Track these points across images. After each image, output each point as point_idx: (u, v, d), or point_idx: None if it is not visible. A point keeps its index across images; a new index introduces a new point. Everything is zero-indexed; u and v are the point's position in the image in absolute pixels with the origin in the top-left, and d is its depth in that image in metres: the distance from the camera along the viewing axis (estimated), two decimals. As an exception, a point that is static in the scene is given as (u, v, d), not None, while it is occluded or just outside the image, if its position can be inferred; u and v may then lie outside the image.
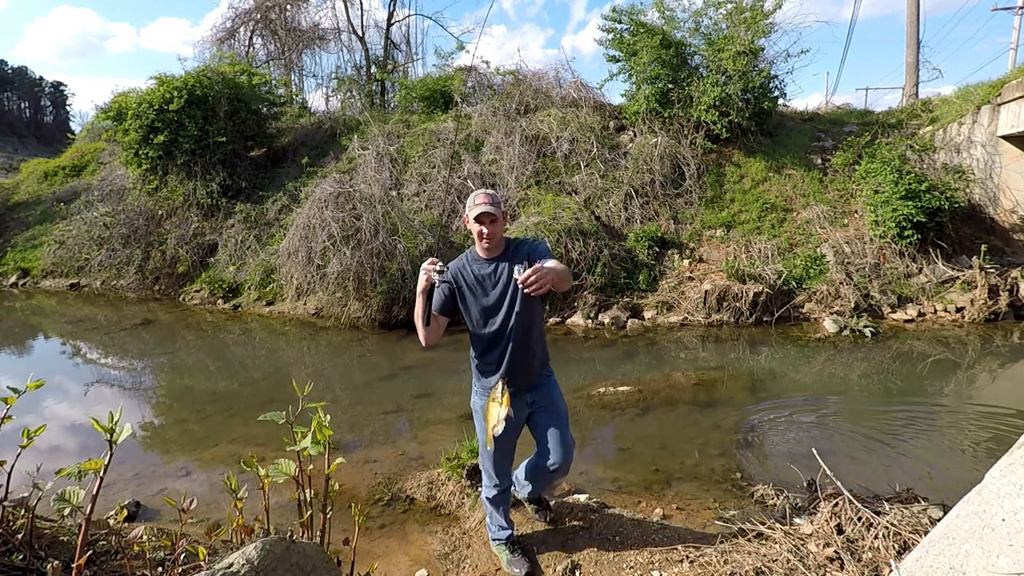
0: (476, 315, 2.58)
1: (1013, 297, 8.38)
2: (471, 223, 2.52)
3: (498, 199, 2.53)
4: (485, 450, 2.70)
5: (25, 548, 1.53)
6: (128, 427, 1.39)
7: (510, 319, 2.53)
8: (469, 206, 2.52)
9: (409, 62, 20.18)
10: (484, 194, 2.50)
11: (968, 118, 10.19)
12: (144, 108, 11.94)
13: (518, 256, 2.51)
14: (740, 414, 5.34)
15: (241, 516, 1.66)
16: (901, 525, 2.77)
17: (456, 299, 2.62)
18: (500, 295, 2.53)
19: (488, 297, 2.54)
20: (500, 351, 2.56)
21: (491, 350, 2.60)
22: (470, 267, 2.60)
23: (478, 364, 2.68)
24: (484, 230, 2.48)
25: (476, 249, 2.63)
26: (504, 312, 2.54)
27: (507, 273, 2.51)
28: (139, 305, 11.06)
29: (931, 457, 4.47)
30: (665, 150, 10.94)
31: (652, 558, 2.90)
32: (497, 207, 2.49)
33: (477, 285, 2.55)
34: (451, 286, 2.59)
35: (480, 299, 2.56)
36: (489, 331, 2.57)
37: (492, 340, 2.58)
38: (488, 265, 2.57)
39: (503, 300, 2.53)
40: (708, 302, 8.65)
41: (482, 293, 2.55)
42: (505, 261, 2.55)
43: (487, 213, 2.45)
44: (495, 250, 2.57)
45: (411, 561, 3.15)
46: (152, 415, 5.93)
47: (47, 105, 74.94)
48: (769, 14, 10.76)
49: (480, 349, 2.64)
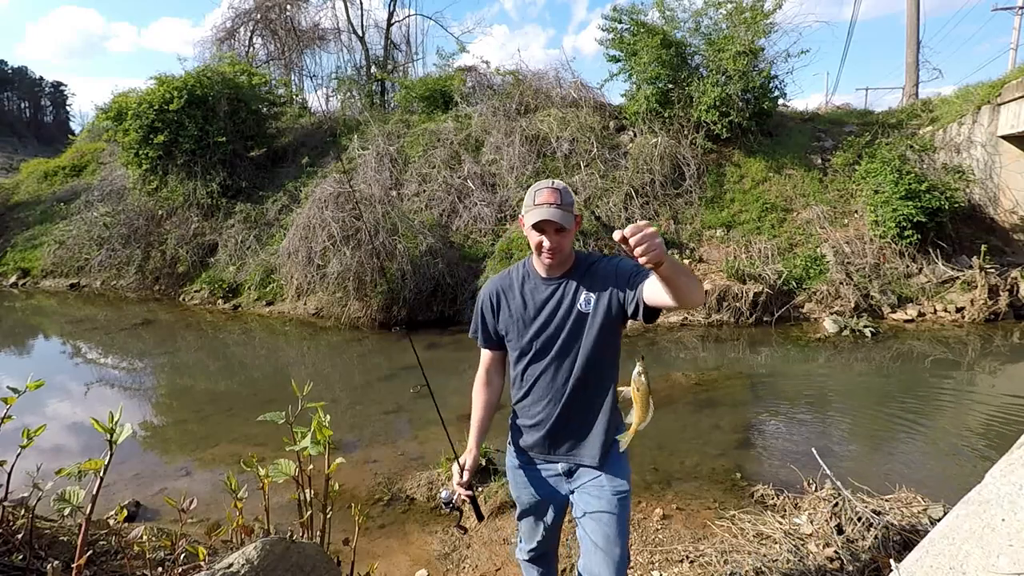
0: (521, 342, 1.88)
1: (1013, 297, 8.38)
2: (527, 230, 1.78)
3: (570, 197, 1.77)
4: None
5: (25, 548, 1.53)
6: (128, 427, 1.39)
7: (568, 355, 1.81)
8: (527, 205, 1.77)
9: (409, 62, 20.20)
10: (550, 190, 1.73)
11: (968, 118, 10.19)
12: (144, 108, 11.94)
13: (593, 276, 1.81)
14: (740, 414, 5.35)
15: (241, 516, 1.66)
16: (901, 525, 2.77)
17: (494, 326, 1.94)
18: (560, 322, 1.82)
19: (538, 319, 1.85)
20: (547, 400, 1.86)
21: (533, 396, 1.89)
22: (520, 288, 1.89)
23: (516, 416, 2.00)
24: (546, 243, 1.75)
25: (533, 262, 1.90)
26: (561, 344, 1.81)
27: (572, 295, 1.81)
28: (139, 305, 11.06)
29: (931, 457, 4.47)
30: (665, 150, 10.93)
31: (652, 558, 2.90)
32: (568, 211, 1.74)
33: (524, 309, 1.87)
34: (491, 305, 1.94)
35: (529, 324, 1.86)
36: (535, 368, 1.87)
37: (537, 382, 1.87)
38: (547, 287, 1.85)
39: (563, 328, 1.81)
40: (708, 302, 8.65)
41: (533, 315, 1.86)
42: (573, 281, 1.83)
43: (550, 222, 1.72)
44: (560, 267, 1.85)
45: (411, 561, 3.15)
46: (152, 415, 5.93)
47: (47, 105, 74.98)
48: (769, 14, 10.76)
49: (521, 392, 1.94)
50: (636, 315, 1.74)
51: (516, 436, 2.00)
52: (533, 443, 1.94)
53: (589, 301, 1.79)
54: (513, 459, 2.03)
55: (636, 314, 1.74)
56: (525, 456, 1.98)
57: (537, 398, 1.88)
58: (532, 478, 1.97)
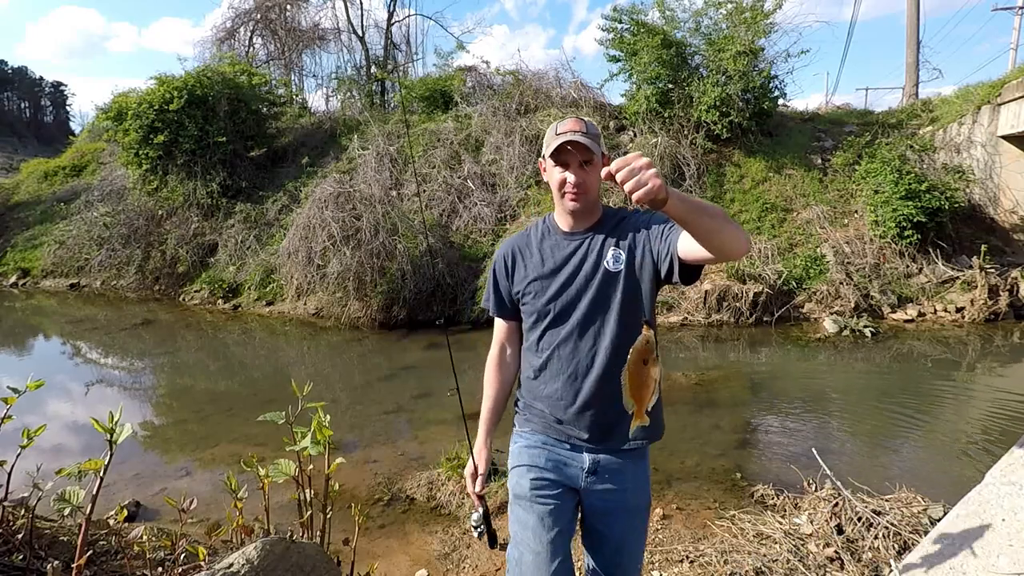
0: (537, 304, 1.60)
1: (1013, 297, 8.38)
2: (548, 169, 1.55)
3: (596, 130, 1.52)
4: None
5: (25, 548, 1.53)
6: (128, 427, 1.39)
7: (593, 322, 1.54)
8: (548, 140, 1.52)
9: (409, 62, 20.19)
10: (574, 119, 1.52)
11: (968, 118, 10.19)
12: (144, 108, 11.94)
13: (623, 230, 1.56)
14: (740, 414, 5.34)
15: (241, 516, 1.66)
16: (901, 525, 2.77)
17: (508, 289, 1.68)
18: (584, 282, 1.55)
19: (558, 278, 1.57)
20: (568, 375, 1.57)
21: (551, 370, 1.61)
22: (538, 244, 1.64)
23: (525, 395, 1.70)
24: (570, 177, 1.49)
25: (555, 216, 1.65)
26: (586, 309, 1.54)
27: (598, 251, 1.55)
28: (139, 305, 11.06)
29: (931, 457, 4.47)
30: (665, 150, 10.93)
31: (652, 558, 2.90)
32: (596, 141, 1.48)
33: (543, 266, 1.61)
34: (505, 266, 1.68)
35: (547, 284, 1.59)
36: (553, 336, 1.59)
37: (555, 354, 1.59)
38: (570, 242, 1.59)
39: (586, 289, 1.54)
40: (708, 302, 8.65)
41: (551, 273, 1.59)
42: (600, 235, 1.57)
43: (578, 144, 1.45)
44: (586, 217, 1.58)
45: (411, 561, 3.15)
46: (152, 415, 5.93)
47: (47, 105, 74.99)
48: (769, 14, 10.76)
49: (535, 365, 1.64)
50: (671, 276, 1.47)
51: (525, 419, 1.70)
52: (545, 428, 1.63)
53: (619, 258, 1.52)
54: (524, 439, 1.69)
55: (671, 275, 1.46)
56: (537, 439, 1.66)
57: (555, 372, 1.58)
58: (548, 457, 1.63)
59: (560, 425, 1.60)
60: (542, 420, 1.64)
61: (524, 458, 1.65)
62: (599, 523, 1.62)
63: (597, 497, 1.60)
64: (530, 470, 1.63)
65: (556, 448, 1.62)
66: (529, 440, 1.67)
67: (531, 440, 1.66)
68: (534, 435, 1.66)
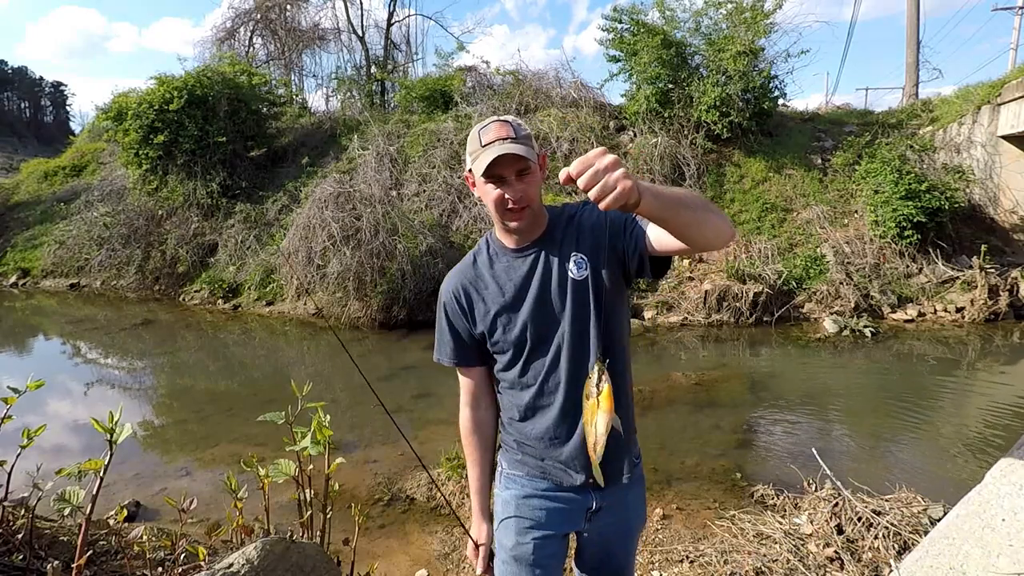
0: (509, 337, 1.40)
1: (1013, 297, 8.38)
2: (480, 186, 1.33)
3: (525, 130, 1.31)
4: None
5: (25, 548, 1.53)
6: (128, 427, 1.39)
7: (578, 341, 1.37)
8: (472, 151, 1.31)
9: (409, 62, 20.19)
10: (498, 123, 1.28)
11: (968, 118, 10.19)
12: (144, 108, 11.93)
13: (579, 230, 1.38)
14: (740, 414, 5.34)
15: (241, 516, 1.66)
16: (901, 525, 2.77)
17: (469, 331, 1.46)
18: (556, 300, 1.37)
19: (525, 302, 1.38)
20: (561, 408, 1.39)
21: (542, 404, 1.42)
22: (489, 272, 1.44)
23: (515, 431, 1.50)
24: (509, 192, 1.28)
25: (497, 235, 1.46)
26: (568, 328, 1.36)
27: (558, 261, 1.37)
28: (139, 305, 11.06)
29: (931, 457, 4.47)
30: (665, 150, 10.93)
31: (652, 558, 2.90)
32: (527, 145, 1.27)
33: (503, 296, 1.40)
34: (459, 308, 1.46)
35: (515, 312, 1.39)
36: (537, 367, 1.40)
37: (545, 387, 1.41)
38: (523, 259, 1.40)
39: (561, 306, 1.37)
40: (708, 302, 8.65)
41: (514, 298, 1.39)
42: (553, 245, 1.38)
43: (509, 159, 1.25)
44: (532, 229, 1.39)
45: (411, 561, 3.15)
46: (152, 415, 5.93)
47: (47, 105, 75.01)
48: (769, 14, 10.77)
49: (522, 404, 1.45)
50: (642, 272, 1.32)
51: (517, 460, 1.50)
52: (543, 472, 1.45)
53: (581, 264, 1.35)
54: (516, 486, 1.50)
55: (642, 271, 1.32)
56: (534, 486, 1.47)
57: (543, 407, 1.42)
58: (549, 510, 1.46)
59: (558, 467, 1.43)
60: (536, 463, 1.46)
61: (524, 512, 1.47)
62: (600, 552, 1.54)
63: (597, 532, 1.50)
64: (530, 530, 1.46)
65: (556, 494, 1.46)
66: (525, 488, 1.48)
67: (527, 488, 1.47)
68: (531, 480, 1.47)
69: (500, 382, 1.50)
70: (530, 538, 1.45)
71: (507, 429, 1.53)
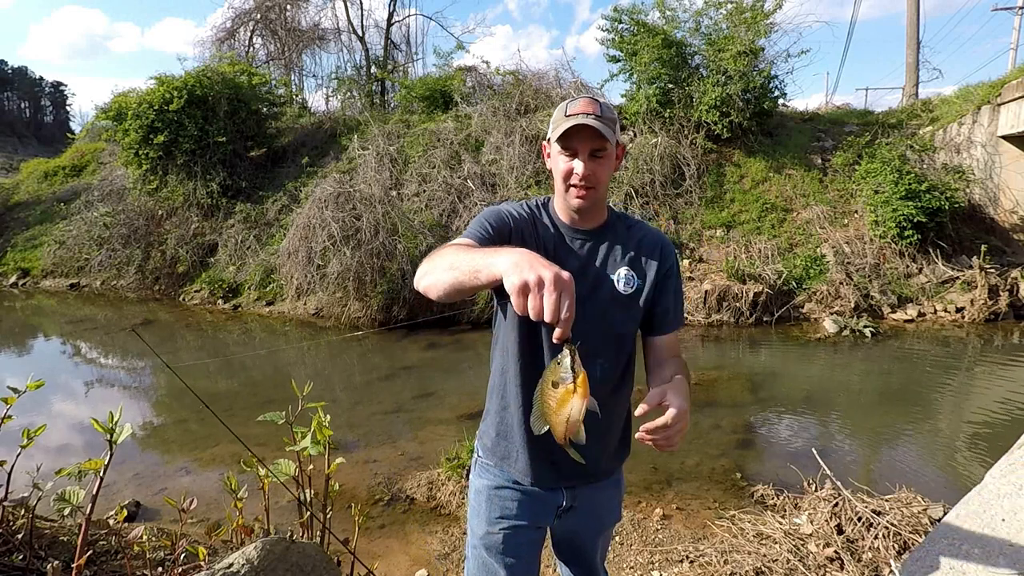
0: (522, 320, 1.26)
1: (1013, 297, 8.38)
2: (553, 155, 1.32)
3: (613, 113, 1.29)
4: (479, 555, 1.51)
5: (25, 548, 1.53)
6: (128, 427, 1.39)
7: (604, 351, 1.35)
8: (554, 121, 1.28)
9: (409, 62, 20.19)
10: (587, 99, 1.27)
11: (968, 118, 10.19)
12: (144, 108, 11.94)
13: (637, 247, 1.37)
14: (740, 414, 5.34)
15: (241, 516, 1.66)
16: (901, 525, 2.77)
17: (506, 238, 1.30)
18: (594, 301, 1.32)
19: None
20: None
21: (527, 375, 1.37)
22: (543, 226, 1.37)
23: (497, 417, 1.46)
24: (578, 167, 1.26)
25: (555, 207, 1.40)
26: (596, 335, 1.32)
27: (605, 261, 1.35)
28: (139, 305, 11.06)
29: (931, 457, 4.47)
30: (665, 150, 10.93)
31: (652, 558, 2.90)
32: (610, 128, 1.25)
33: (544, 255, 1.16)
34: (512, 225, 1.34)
35: None
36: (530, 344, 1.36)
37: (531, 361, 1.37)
38: (576, 242, 1.36)
39: (596, 310, 1.32)
40: (708, 302, 8.65)
41: None
42: (605, 242, 1.37)
43: (590, 128, 1.22)
44: (592, 215, 1.36)
45: (411, 561, 3.15)
46: (152, 415, 5.93)
47: (47, 105, 74.97)
48: (769, 14, 10.77)
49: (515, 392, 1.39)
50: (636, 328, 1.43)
51: (491, 449, 1.47)
52: (522, 468, 1.42)
53: (630, 281, 1.33)
54: (490, 475, 1.49)
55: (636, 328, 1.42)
56: (506, 476, 1.46)
57: None
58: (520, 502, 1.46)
59: (535, 464, 1.41)
60: (514, 456, 1.43)
61: (495, 501, 1.47)
62: (571, 547, 1.59)
63: (568, 529, 1.53)
64: (499, 520, 1.46)
65: (528, 488, 1.45)
66: (496, 479, 1.48)
67: (498, 479, 1.47)
68: (501, 472, 1.47)
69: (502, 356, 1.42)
70: (499, 528, 1.46)
71: (491, 415, 1.50)
